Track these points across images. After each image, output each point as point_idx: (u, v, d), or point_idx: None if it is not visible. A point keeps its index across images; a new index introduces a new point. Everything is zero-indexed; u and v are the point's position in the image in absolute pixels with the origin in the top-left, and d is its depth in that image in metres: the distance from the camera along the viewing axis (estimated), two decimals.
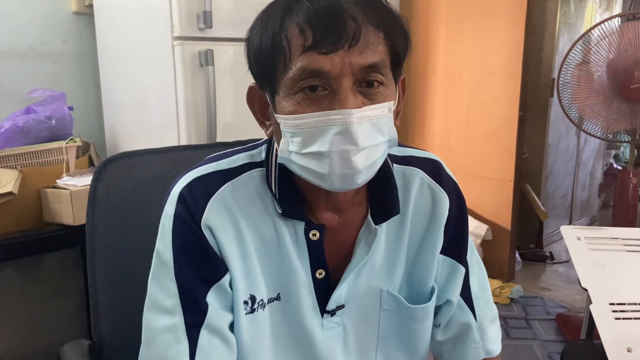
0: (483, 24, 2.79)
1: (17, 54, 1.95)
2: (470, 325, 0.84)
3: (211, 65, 1.58)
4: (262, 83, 0.68)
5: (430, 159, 0.82)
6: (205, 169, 0.72)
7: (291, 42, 0.62)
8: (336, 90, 0.62)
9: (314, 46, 0.61)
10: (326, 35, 0.60)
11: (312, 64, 0.61)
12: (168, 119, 1.67)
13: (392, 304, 0.79)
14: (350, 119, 0.61)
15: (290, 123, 0.64)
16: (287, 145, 0.65)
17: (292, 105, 0.63)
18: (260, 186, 0.72)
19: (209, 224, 0.68)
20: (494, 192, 2.90)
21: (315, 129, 0.62)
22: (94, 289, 0.93)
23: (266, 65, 0.65)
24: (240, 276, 0.70)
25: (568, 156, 3.60)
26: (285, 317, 0.74)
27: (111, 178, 0.96)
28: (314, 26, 0.61)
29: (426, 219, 0.79)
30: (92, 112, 2.11)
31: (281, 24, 0.62)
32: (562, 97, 2.40)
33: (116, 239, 0.94)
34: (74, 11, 2.04)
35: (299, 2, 0.63)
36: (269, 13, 0.65)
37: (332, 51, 0.61)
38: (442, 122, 3.04)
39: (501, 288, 2.70)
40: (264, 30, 0.64)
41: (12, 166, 1.63)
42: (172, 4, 1.55)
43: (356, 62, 0.62)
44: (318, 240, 0.73)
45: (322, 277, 0.74)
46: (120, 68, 1.90)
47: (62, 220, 1.62)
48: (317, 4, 0.61)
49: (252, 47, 0.67)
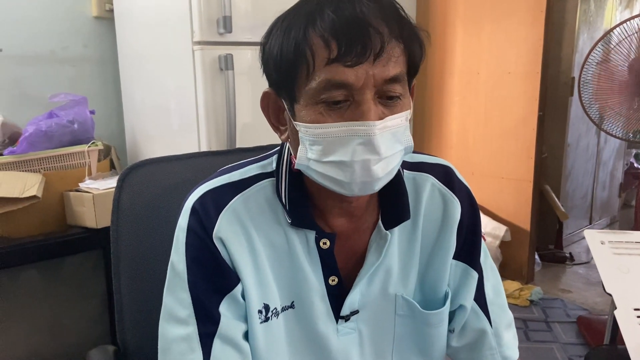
0: (501, 23, 2.77)
1: (39, 59, 1.98)
2: (485, 332, 0.84)
3: (231, 70, 1.59)
4: (280, 90, 0.68)
5: (441, 164, 0.82)
6: (217, 181, 0.74)
7: (315, 53, 0.62)
8: (359, 101, 0.63)
9: (339, 58, 0.61)
10: (351, 47, 0.61)
11: (337, 76, 0.62)
12: (188, 123, 1.68)
13: (406, 309, 0.79)
14: (373, 131, 0.62)
15: (312, 132, 0.64)
16: (306, 153, 0.66)
17: (314, 115, 0.64)
18: (271, 196, 0.74)
19: (221, 236, 0.70)
20: (512, 193, 2.87)
21: (338, 139, 0.63)
22: (119, 295, 0.95)
23: (287, 74, 0.65)
24: (253, 286, 0.71)
25: (588, 156, 3.55)
26: (300, 324, 0.75)
27: (134, 185, 0.97)
28: (339, 38, 0.61)
29: (438, 224, 0.80)
30: (112, 116, 2.14)
31: (304, 33, 0.63)
32: (583, 95, 2.37)
33: (140, 245, 0.95)
34: (95, 16, 2.06)
35: (322, 12, 0.62)
36: (291, 21, 0.65)
37: (356, 64, 0.61)
38: (459, 122, 3.02)
39: (520, 290, 2.67)
40: (286, 38, 0.64)
41: (35, 170, 1.65)
42: (193, 9, 1.56)
43: (379, 75, 0.62)
44: (329, 249, 0.74)
45: (335, 284, 0.75)
46: (141, 72, 1.92)
47: (84, 223, 1.65)
48: (341, 15, 0.61)
49: (271, 54, 0.67)
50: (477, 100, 2.92)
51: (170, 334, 0.71)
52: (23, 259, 1.62)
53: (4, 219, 1.59)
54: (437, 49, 3.03)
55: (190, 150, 1.66)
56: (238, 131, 1.66)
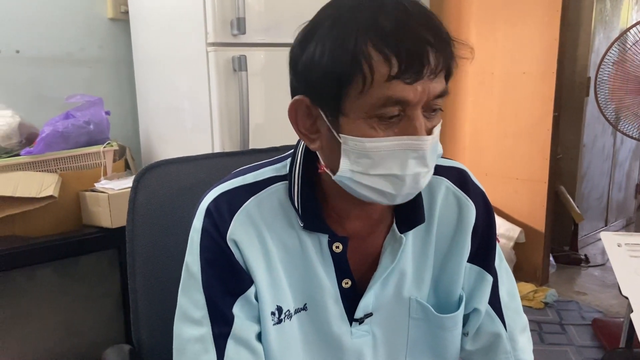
0: (516, 23, 2.75)
1: (56, 61, 2.00)
2: (500, 335, 0.83)
3: (244, 71, 1.60)
4: (320, 100, 0.66)
5: (455, 167, 0.82)
6: (232, 183, 0.75)
7: (374, 68, 0.60)
8: (411, 116, 0.63)
9: (399, 75, 0.60)
10: (411, 65, 0.60)
11: (398, 93, 0.61)
12: (202, 124, 1.69)
13: (420, 312, 0.79)
14: (427, 145, 0.64)
15: (361, 145, 0.64)
16: (350, 165, 0.65)
17: (366, 129, 0.63)
18: (284, 199, 0.74)
19: (234, 238, 0.71)
20: (527, 194, 2.85)
21: (391, 152, 0.64)
22: (134, 295, 0.96)
23: (338, 86, 0.62)
24: (266, 288, 0.72)
25: (604, 156, 3.51)
26: (314, 326, 0.75)
27: (149, 186, 0.98)
28: (399, 55, 0.60)
29: (452, 228, 0.80)
30: (127, 117, 2.16)
31: (361, 47, 0.60)
32: (599, 96, 2.35)
33: (155, 245, 0.96)
34: (110, 17, 2.08)
35: (378, 23, 0.61)
36: (342, 30, 0.62)
37: (415, 80, 0.61)
38: (473, 123, 3.00)
39: (535, 292, 2.65)
40: (337, 48, 0.61)
41: (52, 170, 1.67)
42: (207, 11, 1.57)
43: (432, 91, 0.63)
44: (341, 252, 0.74)
45: (348, 286, 0.75)
46: (155, 73, 1.93)
47: (100, 222, 1.66)
48: (399, 29, 0.60)
49: (313, 61, 0.64)
50: (491, 100, 2.90)
51: (185, 335, 0.72)
52: (40, 258, 1.64)
53: (21, 218, 1.61)
54: None
55: (204, 150, 1.67)
56: (251, 132, 1.67)
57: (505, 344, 0.84)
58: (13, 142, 1.67)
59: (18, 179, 1.58)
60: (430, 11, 0.65)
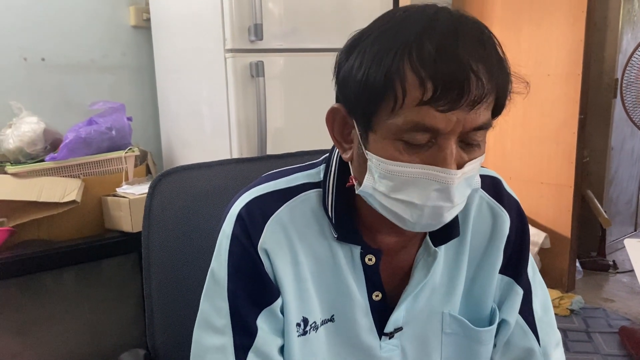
0: (540, 24, 2.70)
1: (81, 67, 2.04)
2: (533, 351, 0.80)
3: (261, 77, 1.61)
4: (355, 112, 0.64)
5: (489, 176, 0.79)
6: (264, 188, 0.72)
7: (407, 91, 0.57)
8: (442, 145, 0.59)
9: (432, 101, 0.56)
10: (447, 92, 0.56)
11: (427, 120, 0.57)
12: (220, 129, 1.70)
13: (455, 327, 0.76)
14: (453, 179, 0.59)
15: (385, 167, 0.61)
16: (373, 183, 0.63)
17: (391, 151, 0.60)
18: (317, 208, 0.72)
19: (266, 247, 0.68)
20: (552, 198, 2.79)
21: (413, 179, 0.60)
22: (150, 300, 0.97)
23: (369, 102, 0.60)
24: (293, 299, 0.70)
25: (633, 160, 3.42)
26: (340, 338, 0.73)
27: (165, 192, 0.98)
28: (436, 80, 0.56)
29: (486, 239, 0.77)
30: (149, 122, 2.19)
31: (398, 65, 0.57)
32: (626, 98, 2.29)
33: (170, 251, 0.97)
34: (133, 25, 2.12)
35: (421, 45, 0.57)
36: (383, 46, 0.59)
37: (449, 110, 0.56)
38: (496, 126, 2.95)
39: (560, 299, 2.60)
40: (375, 64, 0.58)
41: (75, 175, 1.71)
42: (225, 17, 1.59)
43: (470, 123, 0.58)
44: (374, 265, 0.72)
45: (379, 299, 0.73)
46: (176, 79, 1.96)
47: (121, 227, 1.69)
48: (442, 53, 0.56)
49: (351, 73, 0.61)
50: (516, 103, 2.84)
51: (205, 342, 0.70)
52: (63, 262, 1.67)
53: (45, 222, 1.65)
54: None
55: (223, 156, 1.69)
56: (270, 137, 1.68)
57: (539, 359, 0.81)
58: (38, 148, 1.71)
59: (42, 184, 1.62)
60: (489, 33, 0.61)
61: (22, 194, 1.58)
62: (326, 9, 1.71)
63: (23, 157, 1.70)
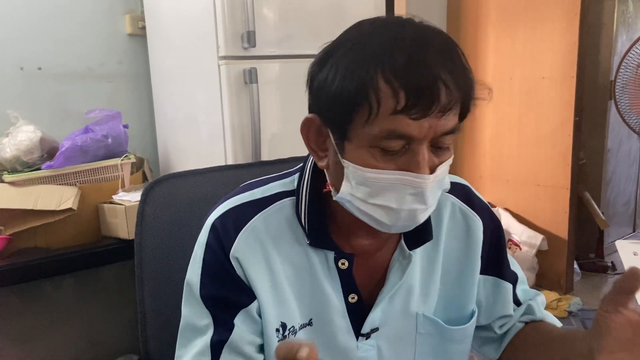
0: (535, 27, 2.71)
1: (78, 76, 2.06)
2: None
3: (255, 83, 1.62)
4: (331, 123, 0.66)
5: (459, 183, 0.83)
6: (239, 199, 0.75)
7: (381, 101, 0.60)
8: (415, 151, 0.62)
9: (405, 110, 0.59)
10: (419, 101, 0.59)
11: (402, 128, 0.60)
12: (215, 135, 1.72)
13: (428, 327, 0.79)
14: (427, 184, 0.63)
15: (361, 174, 0.63)
16: (351, 190, 0.65)
17: (367, 158, 0.63)
18: (291, 215, 0.74)
19: (237, 256, 0.71)
20: (549, 200, 2.80)
21: (389, 184, 0.63)
22: (142, 306, 0.98)
23: (344, 112, 0.62)
24: (270, 305, 0.72)
25: (630, 161, 3.43)
26: (319, 341, 0.75)
27: (157, 199, 1.00)
28: (408, 90, 0.59)
29: (461, 243, 0.80)
30: (146, 130, 2.20)
31: (371, 76, 0.60)
32: (620, 100, 2.30)
33: (163, 258, 0.98)
34: (129, 33, 2.13)
35: (392, 56, 0.59)
36: (355, 58, 0.61)
37: (422, 117, 0.60)
38: (493, 129, 2.97)
39: (558, 300, 2.60)
40: (348, 75, 0.61)
41: (71, 183, 1.72)
42: (218, 25, 1.60)
43: (440, 129, 0.61)
44: (347, 269, 0.74)
45: (355, 301, 0.75)
46: (171, 87, 1.97)
47: (117, 234, 1.70)
48: (411, 62, 0.59)
49: (324, 85, 0.64)
50: (511, 106, 2.87)
51: (188, 344, 0.73)
52: (61, 269, 1.69)
53: (42, 230, 1.66)
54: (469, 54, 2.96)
55: (218, 162, 1.70)
56: (264, 143, 1.69)
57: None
58: (34, 156, 1.73)
59: (39, 192, 1.63)
60: (453, 43, 0.63)
61: (19, 203, 1.59)
62: (319, 15, 1.73)
63: (20, 165, 1.72)
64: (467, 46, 3.00)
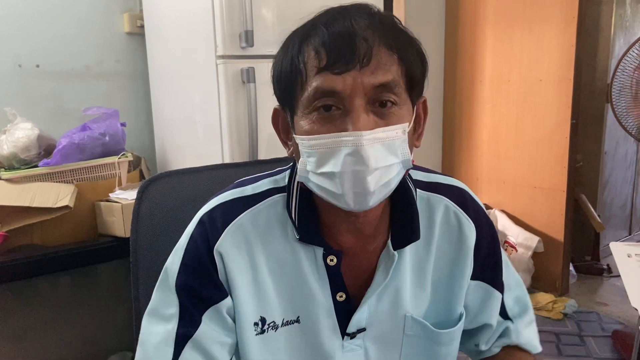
0: (532, 29, 2.72)
1: (75, 74, 2.06)
2: (508, 329, 0.87)
3: (252, 82, 1.63)
4: (284, 104, 0.71)
5: (456, 186, 0.83)
6: (229, 195, 0.76)
7: (307, 64, 0.65)
8: (348, 109, 0.64)
9: (328, 67, 0.63)
10: (339, 56, 0.63)
11: (326, 83, 0.64)
12: (213, 134, 1.72)
13: (416, 329, 0.79)
14: (361, 141, 0.62)
15: (307, 144, 0.66)
16: (305, 165, 0.67)
17: (308, 125, 0.66)
18: (281, 212, 0.75)
19: (221, 250, 0.72)
20: (545, 202, 2.81)
21: (329, 150, 0.64)
22: (137, 303, 0.98)
23: (286, 88, 0.68)
24: (249, 299, 0.73)
25: (627, 164, 3.44)
26: (305, 339, 0.75)
27: (153, 197, 1.00)
28: (328, 48, 0.63)
29: (453, 246, 0.80)
30: (143, 128, 2.21)
31: (299, 48, 0.66)
32: (617, 104, 2.31)
33: (158, 255, 0.98)
34: (127, 32, 2.14)
35: (316, 28, 0.66)
36: (289, 40, 0.69)
37: (344, 71, 0.63)
38: (490, 131, 2.98)
39: (554, 302, 2.61)
40: (284, 55, 0.68)
41: (68, 181, 1.72)
42: (216, 24, 1.61)
43: (368, 82, 0.63)
44: (335, 265, 0.74)
45: (342, 300, 0.75)
46: (169, 85, 1.98)
47: (114, 232, 1.70)
48: (332, 29, 0.64)
49: (275, 71, 0.70)
50: (509, 108, 2.87)
51: (151, 328, 0.73)
52: (57, 267, 1.68)
53: (38, 228, 1.66)
54: (466, 56, 3.01)
55: (215, 160, 1.70)
56: (262, 142, 1.69)
57: (511, 335, 0.86)
58: (32, 153, 1.73)
59: (35, 189, 1.63)
60: (385, 12, 0.68)
61: (16, 200, 1.60)
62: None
63: (17, 162, 1.72)
64: (465, 49, 3.01)
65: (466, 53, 3.01)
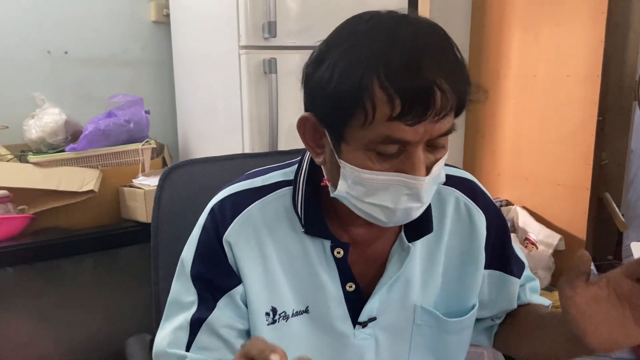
0: (560, 24, 2.67)
1: (102, 62, 2.10)
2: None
3: (274, 73, 1.64)
4: (327, 123, 0.67)
5: (465, 178, 0.84)
6: (240, 186, 0.78)
7: (376, 106, 0.60)
8: (410, 153, 0.63)
9: (401, 117, 0.60)
10: (414, 107, 0.59)
11: (397, 134, 0.61)
12: (234, 124, 1.74)
13: (426, 319, 0.80)
14: (422, 185, 0.64)
15: (358, 175, 0.65)
16: (347, 188, 0.67)
17: (364, 160, 0.64)
18: (288, 204, 0.76)
19: (230, 240, 0.74)
20: (568, 200, 2.76)
21: (384, 185, 0.65)
22: (157, 287, 1.01)
23: (341, 116, 0.63)
24: (260, 289, 0.75)
25: None
26: (316, 329, 0.77)
27: (174, 184, 1.03)
28: (403, 96, 0.59)
29: (465, 238, 0.81)
30: (167, 116, 2.24)
31: (367, 82, 0.60)
32: None
33: (178, 241, 0.99)
34: (153, 20, 2.16)
35: (388, 60, 0.59)
36: (350, 59, 0.61)
37: (417, 123, 0.60)
38: (513, 127, 2.94)
39: None
40: (344, 77, 0.61)
41: (93, 166, 1.77)
42: (240, 15, 1.62)
43: (436, 132, 0.63)
44: (343, 257, 0.75)
45: (352, 290, 0.77)
46: (193, 74, 2.00)
47: (136, 217, 1.74)
48: (406, 68, 0.59)
49: (320, 85, 0.64)
50: (533, 104, 2.83)
51: (172, 316, 0.77)
52: (81, 249, 1.73)
53: (64, 211, 1.71)
54: (492, 50, 2.96)
55: (236, 150, 1.72)
56: (282, 133, 1.71)
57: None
58: (59, 138, 1.77)
59: (62, 173, 1.67)
60: (449, 44, 0.63)
61: (43, 183, 1.64)
62: (341, 7, 1.73)
63: (44, 147, 1.77)
64: (490, 43, 2.97)
65: (492, 47, 2.97)
